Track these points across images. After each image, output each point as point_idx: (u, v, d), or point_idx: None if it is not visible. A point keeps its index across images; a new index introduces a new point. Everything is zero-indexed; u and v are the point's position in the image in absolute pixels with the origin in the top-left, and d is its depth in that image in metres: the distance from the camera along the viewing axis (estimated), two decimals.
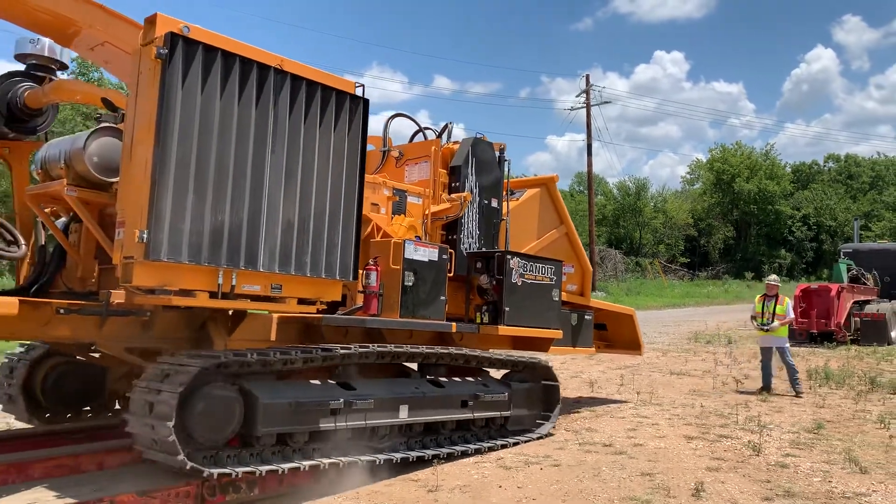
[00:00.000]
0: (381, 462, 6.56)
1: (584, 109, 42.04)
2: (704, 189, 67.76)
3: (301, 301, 6.02)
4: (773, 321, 11.57)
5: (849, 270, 20.42)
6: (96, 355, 7.39)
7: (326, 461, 6.11)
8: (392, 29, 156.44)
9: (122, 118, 6.10)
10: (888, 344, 18.01)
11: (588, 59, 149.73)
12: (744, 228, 65.88)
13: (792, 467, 7.00)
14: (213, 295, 5.44)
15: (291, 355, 6.00)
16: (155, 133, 5.08)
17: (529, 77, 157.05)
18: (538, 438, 8.09)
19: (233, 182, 5.45)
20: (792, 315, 11.97)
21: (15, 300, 5.30)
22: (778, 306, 11.64)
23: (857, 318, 18.72)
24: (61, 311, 5.54)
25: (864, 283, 20.39)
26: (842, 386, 11.85)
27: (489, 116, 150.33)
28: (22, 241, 6.14)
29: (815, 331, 18.50)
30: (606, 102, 44.09)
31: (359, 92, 6.37)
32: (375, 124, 65.06)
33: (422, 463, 6.83)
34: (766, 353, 11.76)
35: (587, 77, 42.63)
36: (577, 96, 43.43)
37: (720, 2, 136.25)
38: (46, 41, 6.39)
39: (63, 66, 6.56)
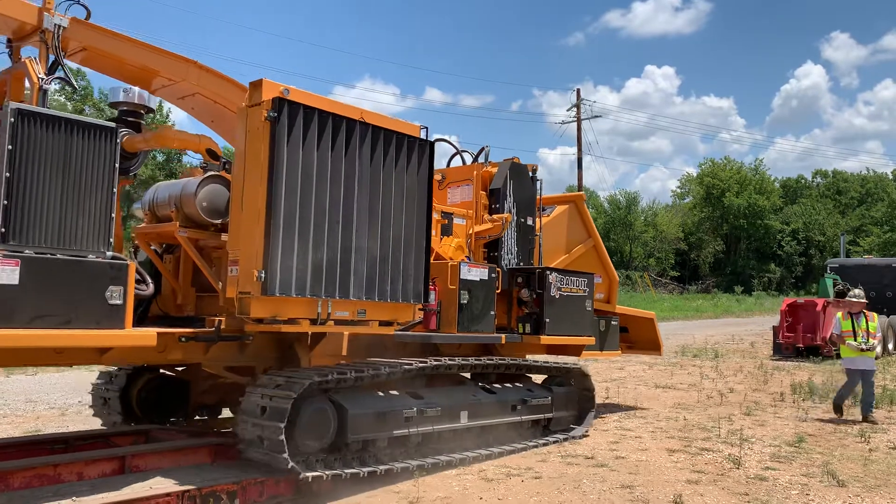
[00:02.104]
0: (455, 462, 7.31)
1: (575, 123, 42.34)
2: (694, 203, 68.17)
3: (381, 323, 6.80)
4: (868, 340, 10.50)
5: (835, 285, 20.52)
6: (179, 369, 8.07)
7: (413, 463, 6.88)
8: (384, 41, 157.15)
9: (223, 166, 6.96)
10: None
11: (579, 72, 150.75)
12: (733, 243, 66.26)
13: (771, 480, 7.06)
14: (313, 322, 6.24)
15: (383, 370, 6.76)
16: (267, 186, 5.83)
17: (521, 90, 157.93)
18: (581, 437, 8.84)
19: (328, 223, 6.22)
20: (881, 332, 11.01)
21: (153, 332, 5.79)
22: (870, 323, 10.61)
23: None
24: (182, 339, 6.18)
25: None
26: (825, 400, 11.88)
27: (481, 129, 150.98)
28: (149, 280, 6.58)
29: (801, 345, 18.58)
30: (597, 116, 44.51)
31: (423, 135, 7.17)
32: None
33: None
34: (856, 375, 10.61)
35: (578, 91, 42.99)
36: (567, 110, 43.58)
37: (711, 17, 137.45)
38: (136, 90, 6.86)
39: (150, 111, 7.01)
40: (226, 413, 8.59)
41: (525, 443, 8.21)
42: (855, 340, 10.50)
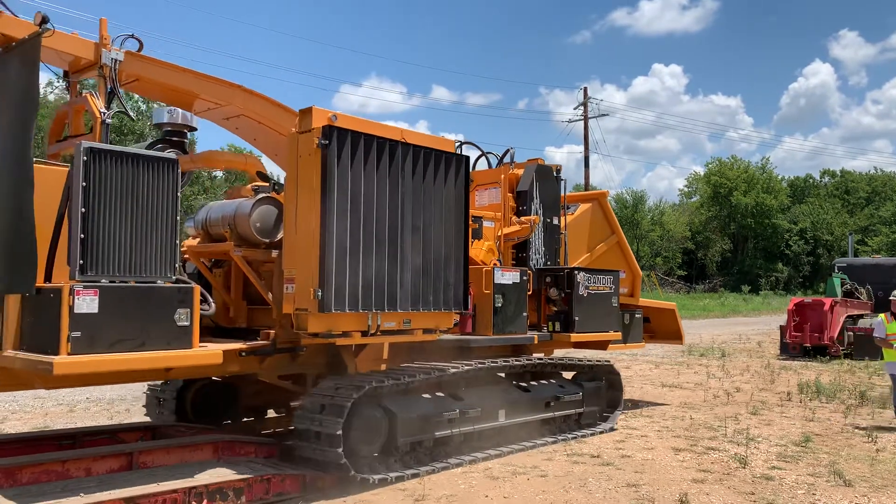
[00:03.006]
0: (491, 457, 7.63)
1: (582, 122, 42.25)
2: (702, 202, 68.00)
3: (425, 331, 7.15)
4: None
5: (843, 285, 20.48)
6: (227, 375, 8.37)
7: (453, 461, 7.26)
8: (391, 40, 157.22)
9: (273, 187, 7.34)
10: (881, 359, 17.99)
11: (586, 71, 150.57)
12: (741, 242, 66.10)
13: (777, 480, 7.05)
14: (363, 333, 6.63)
15: (432, 375, 7.19)
16: (320, 209, 6.19)
17: (528, 89, 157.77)
18: (608, 431, 9.12)
19: (376, 242, 6.58)
20: None
21: (219, 350, 6.07)
22: None
23: (851, 333, 18.74)
24: (243, 353, 6.54)
25: (858, 298, 20.45)
26: (832, 399, 11.88)
27: (488, 127, 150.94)
28: (211, 300, 6.85)
29: (808, 344, 18.51)
30: (604, 115, 44.38)
31: (457, 150, 7.61)
32: None
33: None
34: None
35: (585, 90, 42.92)
36: (574, 108, 43.64)
37: (718, 15, 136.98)
38: (180, 111, 7.17)
39: (192, 129, 7.31)
40: (270, 413, 9.07)
41: (555, 437, 8.54)
42: None
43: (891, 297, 10.64)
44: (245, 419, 8.73)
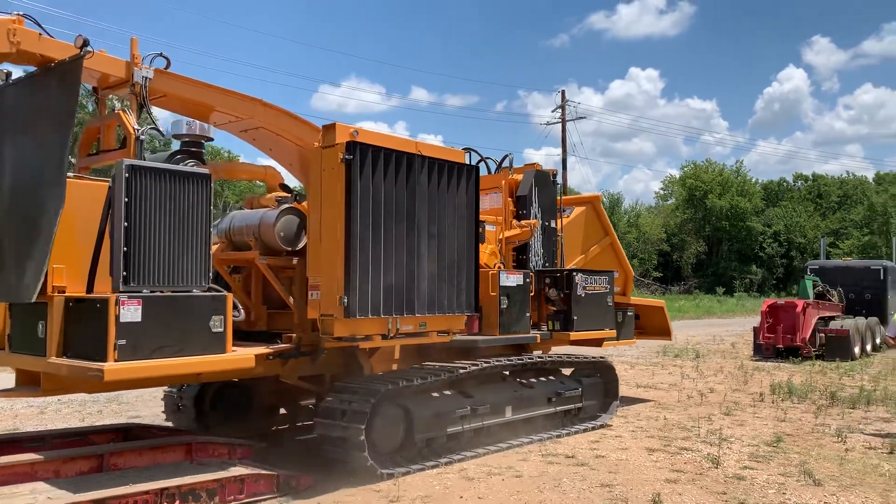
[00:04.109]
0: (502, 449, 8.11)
1: (560, 124, 42.46)
2: (677, 205, 68.56)
3: (439, 333, 7.52)
4: None
5: (815, 287, 20.71)
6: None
7: (469, 453, 7.71)
8: (369, 40, 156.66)
9: (295, 198, 7.74)
10: (851, 359, 18.25)
11: (564, 74, 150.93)
12: (715, 244, 66.72)
13: (749, 479, 7.13)
14: (384, 337, 6.96)
15: (455, 373, 7.64)
16: (344, 221, 6.53)
17: (506, 91, 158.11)
18: (603, 427, 9.58)
19: (396, 249, 6.93)
20: None
21: (251, 355, 6.39)
22: None
23: (822, 334, 18.97)
24: (270, 357, 6.81)
25: (830, 300, 20.69)
26: (804, 400, 12.00)
27: (467, 129, 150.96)
28: (240, 307, 7.25)
29: (781, 346, 18.68)
30: (582, 118, 44.76)
31: (467, 160, 8.08)
32: None
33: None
34: None
35: (563, 93, 43.14)
36: (552, 111, 43.86)
37: (695, 20, 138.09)
38: (198, 122, 7.39)
39: (210, 139, 7.52)
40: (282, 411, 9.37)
41: (559, 430, 9.02)
42: None
43: None
44: (260, 419, 9.02)
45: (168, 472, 6.03)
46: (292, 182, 8.58)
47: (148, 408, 10.96)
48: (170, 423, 8.72)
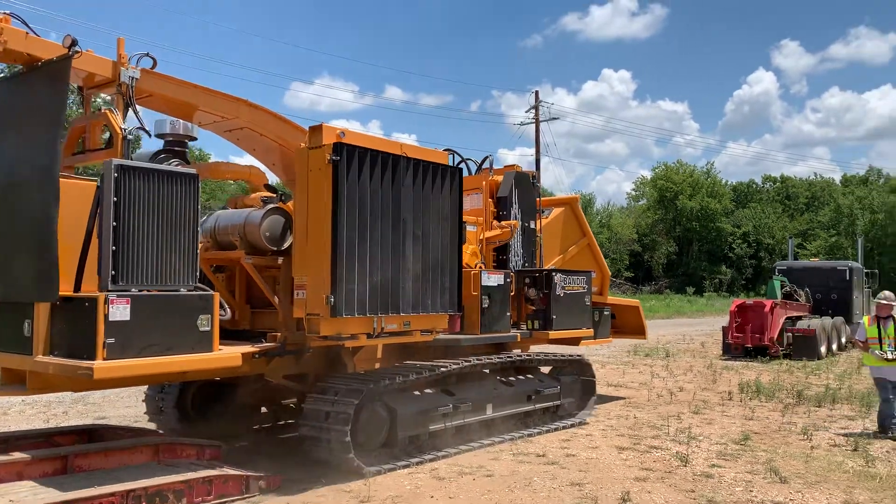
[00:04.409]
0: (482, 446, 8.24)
1: (534, 125, 42.59)
2: (648, 205, 69.13)
3: (423, 332, 7.61)
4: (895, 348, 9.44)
5: (783, 287, 20.99)
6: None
7: (452, 450, 7.85)
8: (343, 38, 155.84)
9: (280, 198, 7.79)
10: (818, 359, 18.57)
11: (537, 74, 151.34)
12: (686, 244, 67.36)
13: (717, 477, 7.23)
14: (369, 336, 7.06)
15: (438, 371, 7.77)
16: (331, 220, 6.57)
17: (480, 91, 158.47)
18: (580, 424, 9.75)
19: (381, 249, 6.99)
20: None
21: (238, 354, 6.41)
22: None
23: (790, 334, 19.25)
24: (256, 355, 6.84)
25: (797, 300, 21.00)
26: (771, 399, 12.20)
27: (441, 128, 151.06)
28: (227, 306, 7.34)
29: (749, 345, 18.95)
30: (555, 118, 44.87)
31: (450, 161, 8.14)
32: None
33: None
34: (887, 386, 9.51)
35: (536, 93, 43.28)
36: (526, 111, 43.76)
37: (666, 23, 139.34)
38: (181, 122, 7.40)
39: (193, 139, 7.54)
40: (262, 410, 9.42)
41: (539, 427, 9.21)
42: (880, 348, 9.50)
43: (876, 300, 10.06)
44: (243, 418, 9.03)
45: (135, 473, 5.95)
46: (275, 181, 8.54)
47: (115, 409, 10.81)
48: (138, 424, 8.67)
